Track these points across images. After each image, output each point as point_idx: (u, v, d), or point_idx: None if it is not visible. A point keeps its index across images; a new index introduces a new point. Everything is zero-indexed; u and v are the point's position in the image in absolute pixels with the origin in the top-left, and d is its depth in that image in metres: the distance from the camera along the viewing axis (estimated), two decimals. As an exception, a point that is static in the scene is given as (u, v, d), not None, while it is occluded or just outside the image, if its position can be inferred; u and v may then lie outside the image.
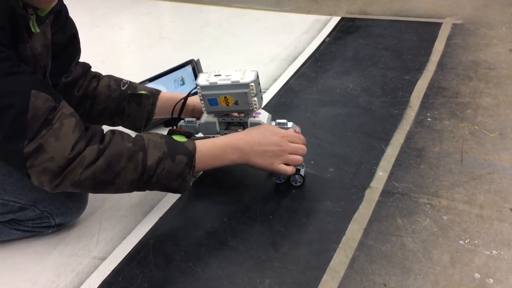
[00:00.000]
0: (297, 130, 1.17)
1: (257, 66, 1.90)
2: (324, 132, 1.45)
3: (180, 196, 1.24)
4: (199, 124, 1.22)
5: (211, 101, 1.11)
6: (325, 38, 2.12)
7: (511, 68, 1.71)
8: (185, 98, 1.17)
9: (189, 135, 1.10)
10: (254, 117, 1.16)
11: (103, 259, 1.09)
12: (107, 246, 1.13)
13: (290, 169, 1.11)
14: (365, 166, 1.29)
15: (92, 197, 1.27)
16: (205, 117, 1.20)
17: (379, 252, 1.03)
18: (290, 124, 1.17)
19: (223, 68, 1.11)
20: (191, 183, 1.04)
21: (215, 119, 1.18)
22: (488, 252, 1.01)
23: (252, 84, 1.05)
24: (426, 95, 1.59)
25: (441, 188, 1.19)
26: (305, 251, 1.06)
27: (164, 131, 1.53)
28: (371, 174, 1.26)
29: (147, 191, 1.01)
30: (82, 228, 1.18)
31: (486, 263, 0.98)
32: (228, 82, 1.07)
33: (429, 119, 1.46)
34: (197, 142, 1.03)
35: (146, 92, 1.26)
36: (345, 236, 1.08)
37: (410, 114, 1.49)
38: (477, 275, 0.96)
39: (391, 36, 2.06)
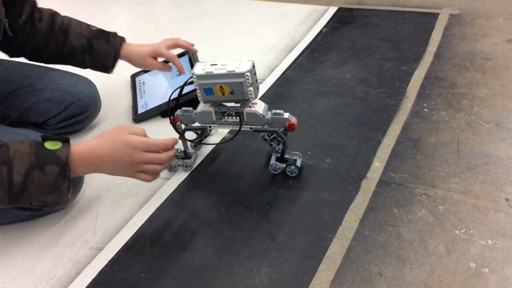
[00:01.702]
0: (293, 120, 1.17)
1: (254, 56, 1.89)
2: (320, 123, 1.45)
3: (177, 187, 1.25)
4: (195, 114, 1.21)
5: (206, 91, 1.11)
6: (322, 29, 2.12)
7: (508, 58, 1.71)
8: (181, 88, 1.17)
9: (66, 140, 0.95)
10: (250, 107, 1.16)
11: (100, 249, 1.09)
12: (104, 236, 1.13)
13: (150, 178, 1.05)
14: (361, 157, 1.29)
15: (88, 188, 1.27)
16: (201, 107, 1.20)
17: (375, 242, 1.04)
18: (286, 114, 1.17)
19: (219, 58, 1.11)
20: (70, 195, 0.95)
21: (211, 109, 1.18)
22: (483, 242, 1.01)
23: (248, 73, 1.05)
24: (422, 86, 1.59)
25: (437, 179, 1.19)
26: (302, 241, 1.06)
27: (161, 122, 1.53)
28: (367, 164, 1.26)
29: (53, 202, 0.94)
30: (79, 219, 1.18)
31: (482, 253, 0.99)
32: (224, 71, 1.06)
33: (425, 110, 1.46)
34: (74, 147, 0.95)
35: (114, 32, 1.37)
36: (342, 226, 1.09)
37: (407, 105, 1.49)
38: (472, 265, 0.97)
39: (388, 27, 2.05)
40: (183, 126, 1.25)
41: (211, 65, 1.09)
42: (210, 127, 1.24)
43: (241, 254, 1.04)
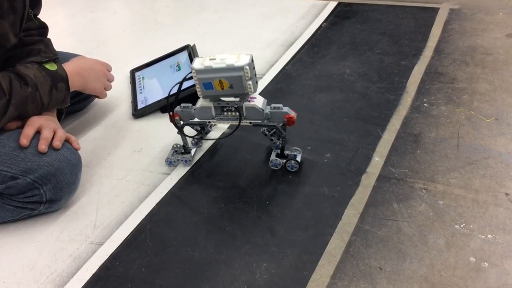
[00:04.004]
0: (292, 114, 1.17)
1: (254, 51, 1.89)
2: (320, 118, 1.45)
3: (177, 182, 1.25)
4: (194, 109, 1.21)
5: (206, 85, 1.11)
6: (322, 24, 2.11)
7: (508, 53, 1.71)
8: (181, 83, 1.17)
9: (55, 60, 1.21)
10: (249, 101, 1.16)
11: (101, 244, 1.09)
12: (104, 231, 1.13)
13: (105, 94, 1.43)
14: (361, 152, 1.29)
15: (88, 183, 1.27)
16: (200, 102, 1.20)
17: (375, 237, 1.04)
18: (285, 108, 1.17)
19: (219, 53, 1.11)
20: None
21: (210, 104, 1.18)
22: (483, 236, 1.02)
23: (247, 67, 1.05)
24: (422, 81, 1.59)
25: (437, 173, 1.19)
26: (302, 236, 1.06)
27: (161, 117, 1.53)
28: (367, 159, 1.26)
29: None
30: (79, 214, 1.18)
31: (481, 247, 0.99)
32: (223, 65, 1.06)
33: (425, 105, 1.46)
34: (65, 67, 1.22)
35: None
36: (341, 221, 1.09)
37: (407, 100, 1.49)
38: (472, 259, 0.97)
39: (388, 21, 2.05)
40: (181, 122, 1.25)
41: (210, 59, 1.09)
42: (209, 122, 1.24)
43: (241, 249, 1.04)
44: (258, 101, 1.17)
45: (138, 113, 1.55)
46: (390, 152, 1.28)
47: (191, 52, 1.70)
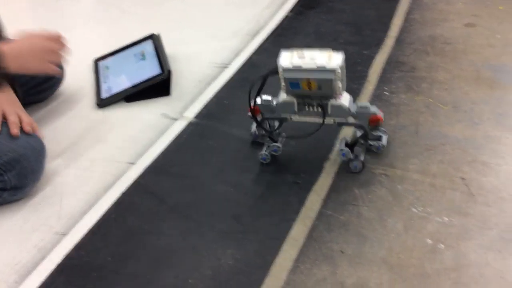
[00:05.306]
0: (380, 114, 1.12)
1: (220, 40, 1.89)
2: (285, 106, 1.47)
3: (143, 172, 1.25)
4: (276, 104, 1.16)
5: (292, 85, 1.06)
6: (287, 13, 2.13)
7: (467, 42, 1.76)
8: (265, 78, 1.10)
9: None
10: (335, 98, 1.10)
11: (65, 234, 1.09)
12: (68, 221, 1.12)
13: (57, 70, 1.32)
14: (325, 139, 1.32)
15: (52, 173, 1.26)
16: (283, 96, 1.14)
17: (337, 221, 1.07)
18: (373, 108, 1.12)
19: (186, 43, 1.11)
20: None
21: (293, 99, 1.12)
22: (439, 219, 1.06)
23: (339, 70, 1.00)
24: (384, 70, 1.62)
25: (396, 159, 1.23)
26: (266, 222, 1.09)
27: (127, 107, 1.52)
28: (330, 146, 1.29)
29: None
30: (43, 204, 1.17)
31: (438, 230, 1.03)
32: (313, 66, 1.01)
33: (386, 93, 1.50)
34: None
35: None
36: (305, 207, 1.11)
37: (368, 88, 1.53)
38: (429, 241, 1.01)
39: (352, 12, 2.08)
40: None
41: (299, 57, 1.03)
42: (290, 118, 1.18)
43: (207, 236, 1.06)
44: (345, 99, 1.11)
45: (102, 103, 1.53)
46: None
47: (156, 41, 1.69)
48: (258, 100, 1.17)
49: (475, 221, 1.04)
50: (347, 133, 1.31)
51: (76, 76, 1.68)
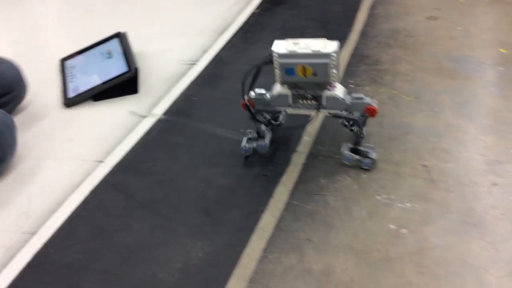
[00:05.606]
0: (374, 105, 1.11)
1: (187, 38, 1.89)
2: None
3: (111, 170, 1.25)
4: (270, 96, 1.15)
5: (288, 71, 1.05)
6: (255, 10, 2.14)
7: (428, 35, 1.81)
8: (259, 67, 1.09)
9: None
10: (329, 90, 1.10)
11: (34, 233, 1.08)
12: (37, 220, 1.12)
13: None
14: (292, 132, 1.34)
15: (20, 173, 1.25)
16: (278, 89, 1.12)
17: (304, 211, 1.09)
18: (367, 99, 1.11)
19: (154, 41, 1.11)
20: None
21: (288, 91, 1.11)
22: (402, 205, 1.09)
23: (334, 54, 1.00)
24: (349, 63, 1.66)
25: (361, 149, 1.26)
26: (235, 215, 1.10)
27: (94, 106, 1.52)
28: (297, 139, 1.31)
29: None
30: (12, 204, 1.17)
31: (401, 215, 1.07)
32: (308, 51, 1.01)
33: (351, 86, 1.53)
34: None
35: None
36: (273, 198, 1.13)
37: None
38: (392, 226, 1.04)
39: (317, 7, 2.11)
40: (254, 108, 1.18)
41: (294, 43, 1.03)
42: (285, 110, 1.18)
43: (177, 231, 1.07)
44: (339, 90, 1.11)
45: (69, 102, 1.53)
46: (318, 131, 1.34)
47: (122, 39, 1.69)
48: (252, 94, 1.17)
49: (437, 206, 1.08)
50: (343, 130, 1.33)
51: (43, 76, 1.66)
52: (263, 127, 1.24)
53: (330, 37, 1.80)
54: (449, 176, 1.15)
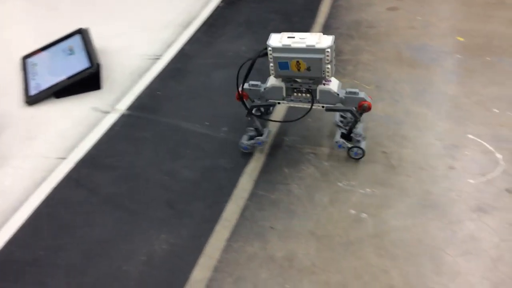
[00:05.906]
0: (369, 100, 1.11)
1: (151, 32, 1.88)
2: (217, 94, 1.49)
3: (74, 166, 1.24)
4: (264, 89, 1.14)
5: (281, 65, 1.05)
6: (219, 3, 2.15)
7: (389, 25, 1.84)
8: (254, 60, 1.08)
9: None
10: (324, 84, 1.10)
11: (-5, 232, 1.07)
12: (0, 219, 1.11)
13: None
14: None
15: (-21, 173, 1.23)
16: (272, 81, 1.12)
17: (267, 200, 1.11)
18: (361, 94, 1.11)
19: (117, 36, 1.11)
20: None
21: (282, 84, 1.11)
22: (363, 191, 1.12)
23: (329, 50, 1.00)
24: (312, 54, 1.67)
25: (323, 139, 1.28)
26: (200, 206, 1.11)
27: (55, 103, 1.50)
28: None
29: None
30: (-29, 205, 1.15)
31: (361, 201, 1.09)
32: (303, 45, 1.01)
33: (314, 76, 1.55)
34: None
35: None
36: (237, 188, 1.15)
37: (298, 73, 1.57)
38: (352, 212, 1.07)
39: (281, 0, 2.12)
40: (252, 101, 1.18)
41: (288, 37, 1.02)
42: (278, 103, 1.17)
43: (141, 225, 1.07)
44: (333, 85, 1.11)
45: (31, 99, 1.50)
46: (282, 123, 1.35)
47: (84, 35, 1.67)
48: (246, 85, 1.16)
49: (396, 190, 1.11)
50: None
51: (4, 74, 1.63)
52: (257, 123, 1.23)
53: (294, 30, 1.83)
54: (408, 161, 1.19)
